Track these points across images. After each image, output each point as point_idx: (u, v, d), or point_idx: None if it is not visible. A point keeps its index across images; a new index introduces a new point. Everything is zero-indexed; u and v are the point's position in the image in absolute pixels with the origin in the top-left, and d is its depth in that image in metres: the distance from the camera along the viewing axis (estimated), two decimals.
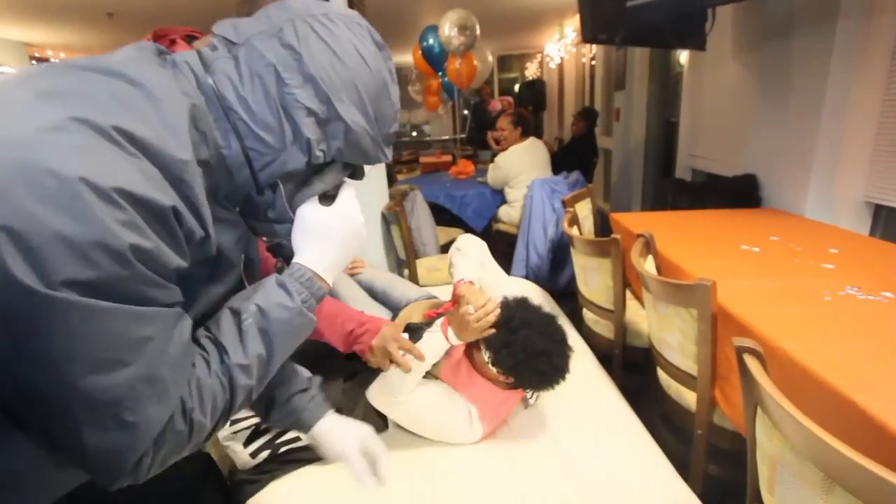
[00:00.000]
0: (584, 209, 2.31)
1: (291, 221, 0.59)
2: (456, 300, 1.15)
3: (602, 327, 1.68)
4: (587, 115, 4.35)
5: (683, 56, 3.43)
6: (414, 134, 8.96)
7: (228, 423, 0.97)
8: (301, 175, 0.57)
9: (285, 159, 0.54)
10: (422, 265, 2.38)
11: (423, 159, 5.85)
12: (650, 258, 1.42)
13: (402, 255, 2.26)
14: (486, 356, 1.06)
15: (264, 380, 0.55)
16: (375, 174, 2.32)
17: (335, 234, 0.59)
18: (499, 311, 1.02)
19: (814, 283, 1.18)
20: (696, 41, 2.37)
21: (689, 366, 1.14)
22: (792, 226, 1.75)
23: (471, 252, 1.32)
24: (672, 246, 1.51)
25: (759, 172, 2.19)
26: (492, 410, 1.08)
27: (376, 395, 1.06)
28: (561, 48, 6.34)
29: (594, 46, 5.43)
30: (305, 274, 0.58)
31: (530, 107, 7.41)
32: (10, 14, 3.68)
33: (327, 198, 0.60)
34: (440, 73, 3.93)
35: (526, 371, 1.01)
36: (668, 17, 2.02)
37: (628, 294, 1.61)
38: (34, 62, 4.85)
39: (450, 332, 1.02)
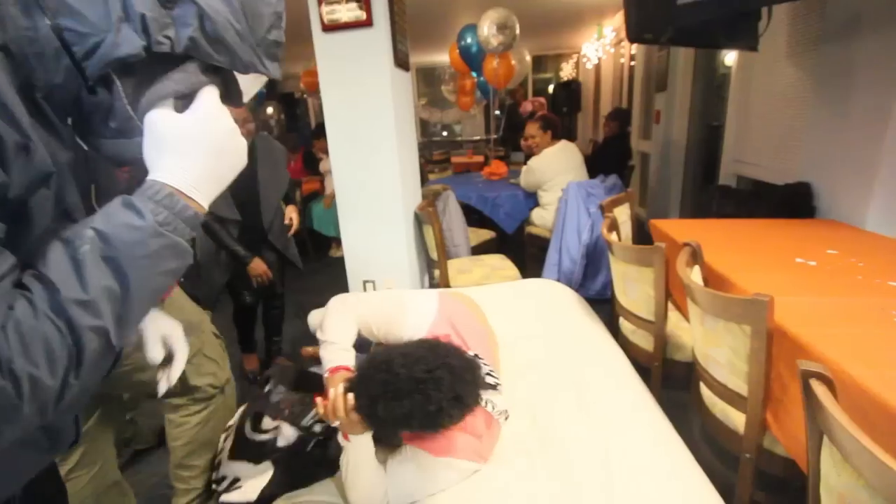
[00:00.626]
0: (622, 214, 2.23)
1: (142, 134, 0.47)
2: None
3: (640, 338, 1.62)
4: (618, 116, 4.23)
5: (730, 57, 3.28)
6: (445, 133, 8.95)
7: None
8: (146, 71, 0.46)
9: (115, 42, 0.43)
10: (452, 266, 2.36)
11: (454, 159, 5.83)
12: (696, 268, 1.35)
13: (434, 255, 2.24)
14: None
15: (126, 319, 0.44)
16: (409, 172, 2.32)
17: (197, 142, 0.48)
18: (347, 396, 0.90)
19: (880, 303, 1.09)
20: (748, 41, 2.26)
21: (739, 385, 1.07)
22: (851, 238, 1.63)
23: (333, 331, 1.11)
24: (720, 256, 1.43)
25: (814, 180, 2.06)
26: (470, 448, 0.97)
27: None
28: (599, 48, 6.19)
29: (634, 47, 5.29)
30: (161, 191, 0.45)
31: (565, 108, 7.30)
32: None
33: (185, 100, 0.49)
34: (475, 73, 3.90)
35: (415, 422, 0.86)
36: (719, 17, 1.93)
37: (670, 305, 1.54)
38: None
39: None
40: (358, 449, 0.96)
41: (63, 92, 0.46)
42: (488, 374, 1.03)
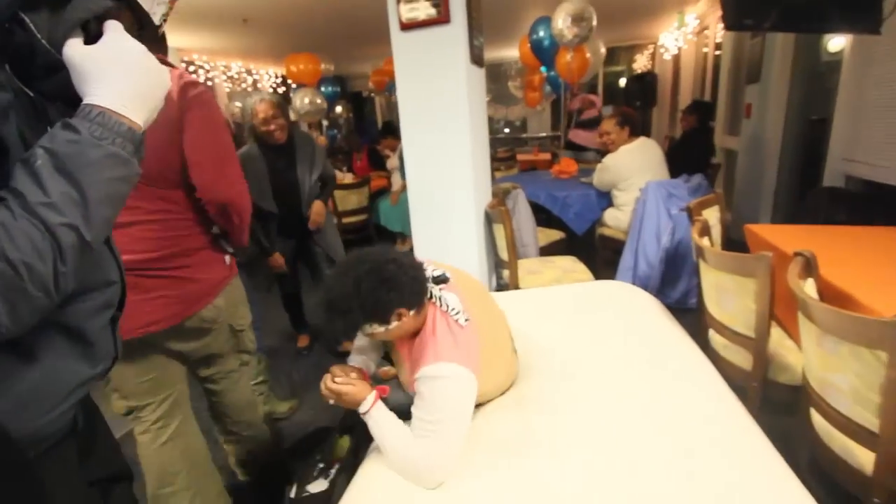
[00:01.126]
0: (711, 218, 2.05)
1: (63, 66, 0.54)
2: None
3: (735, 354, 1.48)
4: (698, 109, 3.89)
5: (835, 42, 2.92)
6: (507, 130, 8.82)
7: None
8: (50, 2, 0.52)
9: None
10: (521, 267, 2.30)
11: (520, 156, 5.72)
12: (810, 281, 1.20)
13: (503, 255, 2.20)
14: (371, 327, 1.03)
15: (91, 218, 0.52)
16: (481, 170, 2.29)
17: (112, 66, 0.54)
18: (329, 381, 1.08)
19: None
20: (869, 24, 1.99)
21: (867, 418, 0.93)
22: None
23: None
24: (837, 269, 1.27)
25: None
26: (448, 351, 1.02)
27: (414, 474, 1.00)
28: (679, 37, 5.78)
29: (719, 35, 4.88)
30: (91, 111, 0.52)
31: (638, 102, 6.92)
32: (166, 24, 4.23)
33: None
34: (545, 68, 3.79)
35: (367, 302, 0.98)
36: None
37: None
38: (183, 64, 5.57)
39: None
40: (377, 418, 1.04)
41: None
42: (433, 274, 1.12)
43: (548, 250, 2.94)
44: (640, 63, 7.95)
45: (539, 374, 1.38)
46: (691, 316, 1.83)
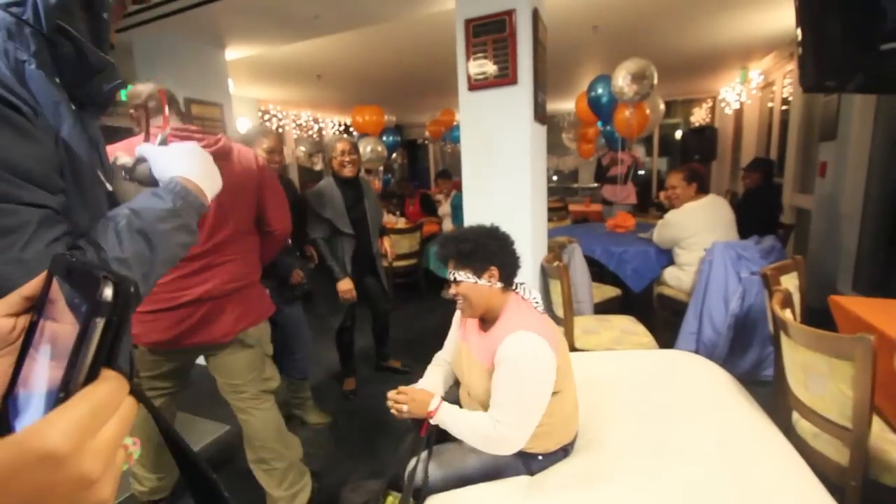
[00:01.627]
0: (789, 286, 1.91)
1: (109, 64, 0.62)
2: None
3: (826, 445, 1.32)
4: (760, 167, 3.68)
5: None
6: (555, 178, 8.82)
7: None
8: (80, 7, 0.58)
9: None
10: (577, 325, 2.22)
11: (572, 207, 5.68)
12: None
13: (559, 312, 2.13)
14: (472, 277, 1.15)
15: (149, 278, 0.57)
16: (539, 223, 2.28)
17: (190, 156, 0.65)
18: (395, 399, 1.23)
19: None
20: None
21: None
22: None
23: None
24: None
25: None
26: (529, 323, 1.13)
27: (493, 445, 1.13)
28: (742, 92, 5.67)
29: (787, 90, 4.74)
30: (177, 185, 0.62)
31: (697, 156, 6.75)
32: (246, 77, 4.69)
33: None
34: (602, 123, 3.80)
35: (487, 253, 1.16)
36: None
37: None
38: (260, 112, 6.09)
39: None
40: (445, 415, 1.17)
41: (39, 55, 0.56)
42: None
43: (602, 307, 2.83)
44: (698, 116, 7.82)
45: (600, 448, 1.29)
46: (765, 390, 1.67)
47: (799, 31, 1.84)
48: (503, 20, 1.89)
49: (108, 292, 0.24)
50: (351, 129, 7.57)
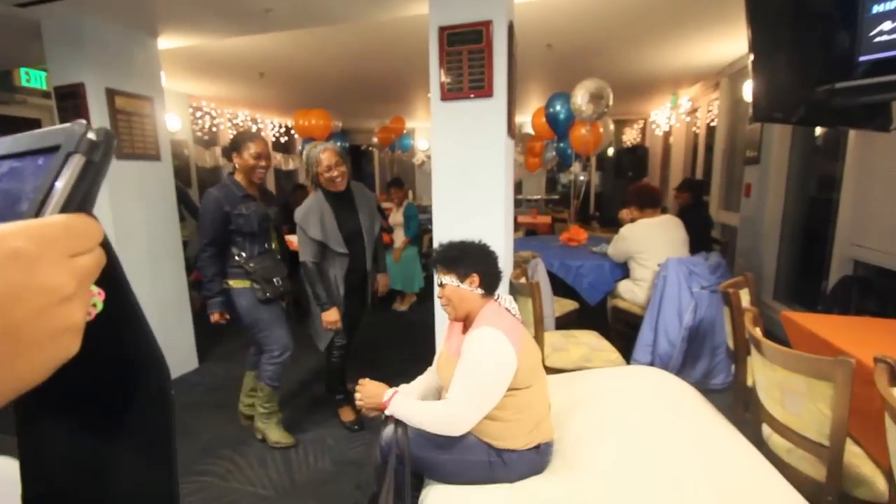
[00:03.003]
0: (743, 301, 2.02)
1: None
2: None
3: (801, 461, 1.37)
4: (691, 187, 3.97)
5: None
6: None
7: None
8: None
9: None
10: (546, 342, 2.20)
11: (520, 218, 5.77)
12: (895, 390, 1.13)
13: (530, 330, 2.09)
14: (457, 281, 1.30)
15: None
16: (509, 235, 2.23)
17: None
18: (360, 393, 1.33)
19: None
20: (882, 122, 2.10)
21: None
22: None
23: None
24: None
25: None
26: (495, 321, 1.25)
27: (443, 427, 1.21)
28: (672, 116, 6.13)
29: (709, 115, 5.19)
30: None
31: (630, 173, 7.21)
32: (179, 70, 4.26)
33: None
34: (557, 139, 3.90)
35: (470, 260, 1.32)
36: (866, 101, 1.79)
37: None
38: (191, 109, 5.57)
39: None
40: (399, 406, 1.26)
41: None
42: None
43: (562, 321, 2.85)
44: (629, 136, 8.37)
45: (582, 470, 1.27)
46: (715, 398, 1.76)
47: (750, 66, 1.97)
48: (480, 31, 1.84)
49: (92, 134, 0.24)
50: (292, 132, 7.19)
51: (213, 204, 1.93)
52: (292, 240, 3.88)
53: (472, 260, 1.31)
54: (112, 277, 0.28)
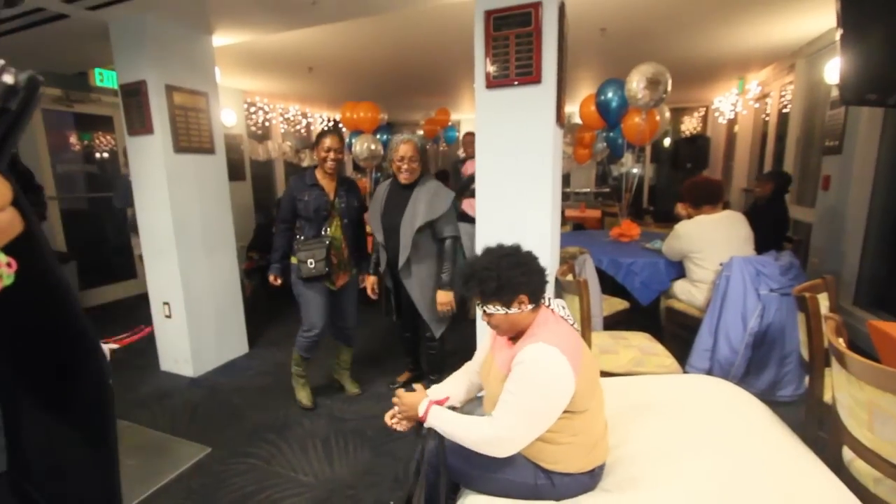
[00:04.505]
0: (822, 308, 1.81)
1: None
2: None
3: (892, 493, 1.20)
4: (776, 178, 3.61)
5: None
6: None
7: None
8: None
9: None
10: (594, 343, 2.08)
11: (568, 213, 5.58)
12: None
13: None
14: (490, 307, 1.14)
15: None
16: (556, 233, 2.12)
17: None
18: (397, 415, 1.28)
19: None
20: None
21: None
22: None
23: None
24: None
25: None
26: (550, 336, 1.11)
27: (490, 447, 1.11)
28: (738, 102, 5.67)
29: (781, 100, 4.74)
30: None
31: (689, 164, 6.76)
32: (233, 66, 4.42)
33: None
34: (607, 128, 3.69)
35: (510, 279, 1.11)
36: None
37: None
38: (246, 105, 5.80)
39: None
40: (436, 418, 1.17)
41: None
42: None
43: (611, 321, 2.70)
44: (689, 125, 7.85)
45: (635, 488, 1.16)
46: (783, 411, 1.58)
47: (839, 41, 1.74)
48: (528, 13, 1.74)
49: (9, 77, 0.23)
50: (340, 125, 7.33)
51: (288, 189, 2.31)
52: None
53: (514, 283, 1.12)
54: (30, 250, 0.26)
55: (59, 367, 0.30)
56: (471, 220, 3.24)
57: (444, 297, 2.18)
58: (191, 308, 2.75)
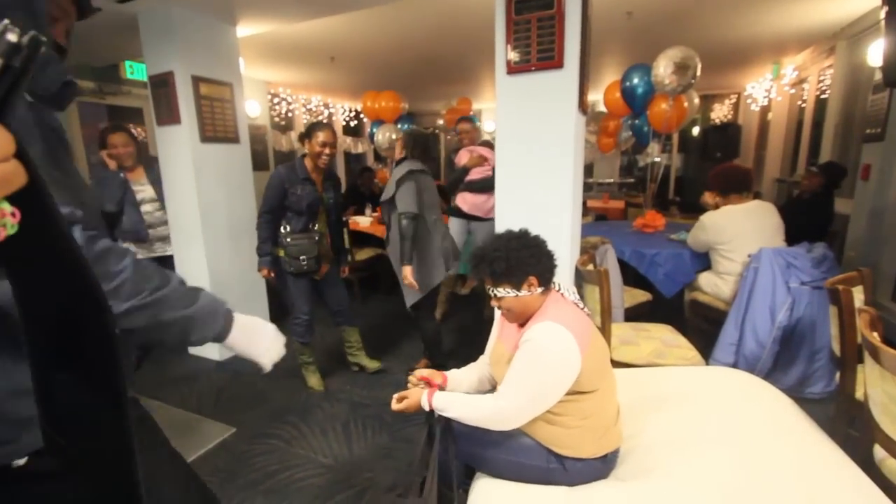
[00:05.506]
0: (856, 301, 1.73)
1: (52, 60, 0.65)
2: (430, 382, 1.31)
3: None
4: (829, 171, 3.42)
5: None
6: None
7: None
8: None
9: None
10: (614, 334, 2.05)
11: (590, 203, 5.48)
12: None
13: (596, 320, 1.96)
14: (500, 290, 1.16)
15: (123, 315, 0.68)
16: (576, 221, 2.09)
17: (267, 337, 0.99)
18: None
19: None
20: None
21: None
22: None
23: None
24: None
25: None
26: (559, 316, 1.12)
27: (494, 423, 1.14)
28: (773, 88, 5.44)
29: (819, 85, 4.52)
30: (228, 316, 0.96)
31: (718, 154, 6.52)
32: (256, 57, 4.48)
33: None
34: (633, 115, 3.60)
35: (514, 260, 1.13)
36: None
37: None
38: (270, 96, 5.88)
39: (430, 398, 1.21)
40: (440, 401, 1.18)
41: None
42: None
43: (632, 313, 2.66)
44: (719, 113, 7.57)
45: (654, 480, 1.14)
46: (811, 408, 1.52)
47: (884, 20, 1.65)
48: None
49: (13, 35, 0.23)
50: (361, 117, 7.36)
51: (277, 179, 2.22)
52: (358, 222, 4.00)
53: (523, 263, 1.14)
54: (34, 202, 0.27)
55: (66, 320, 0.31)
56: (466, 217, 3.13)
57: (404, 272, 2.29)
58: (216, 293, 2.82)
